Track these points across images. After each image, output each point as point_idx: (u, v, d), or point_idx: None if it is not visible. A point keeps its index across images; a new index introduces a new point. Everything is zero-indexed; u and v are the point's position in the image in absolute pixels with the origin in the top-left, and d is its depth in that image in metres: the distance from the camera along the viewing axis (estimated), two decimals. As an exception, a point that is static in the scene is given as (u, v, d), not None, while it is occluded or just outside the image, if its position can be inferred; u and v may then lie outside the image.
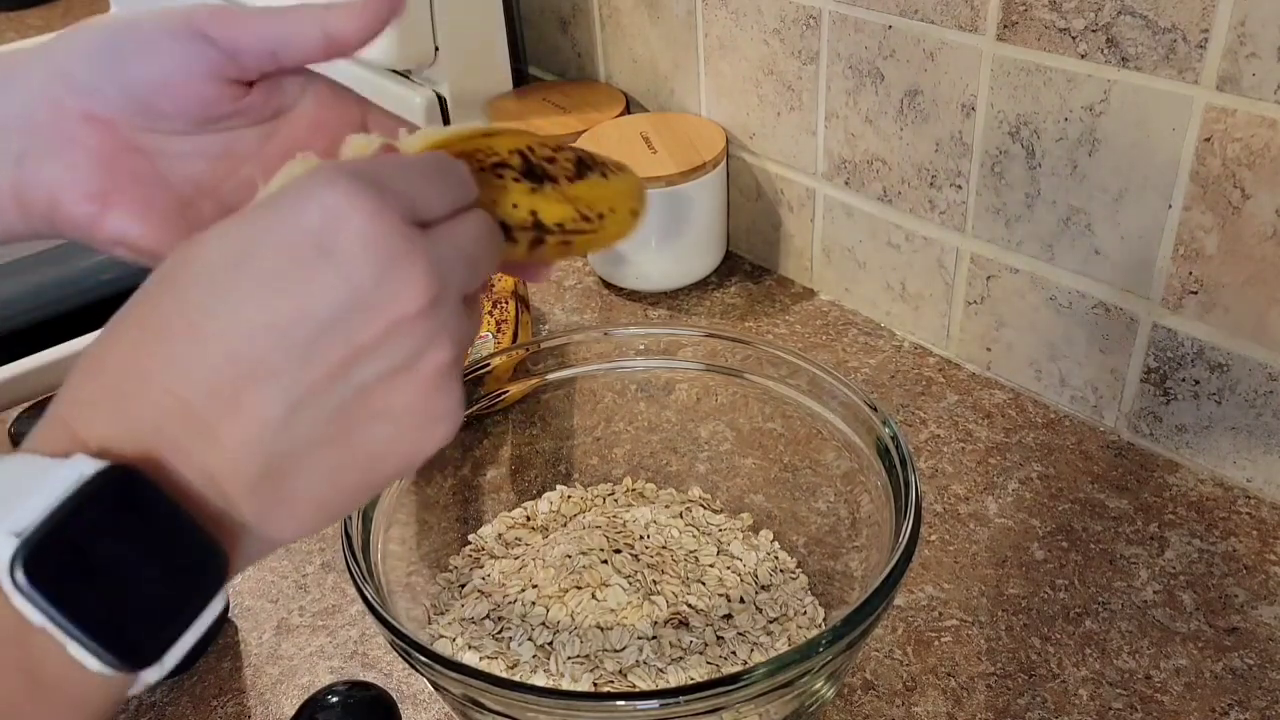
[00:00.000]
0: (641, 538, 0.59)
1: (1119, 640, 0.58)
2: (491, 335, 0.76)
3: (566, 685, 0.51)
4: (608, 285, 0.90)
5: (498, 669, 0.52)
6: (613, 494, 0.64)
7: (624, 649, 0.53)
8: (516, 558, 0.59)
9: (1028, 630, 0.58)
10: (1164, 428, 0.68)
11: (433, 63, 0.95)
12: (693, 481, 0.64)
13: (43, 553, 0.27)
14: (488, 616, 0.56)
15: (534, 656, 0.53)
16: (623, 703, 0.43)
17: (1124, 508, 0.66)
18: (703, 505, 0.63)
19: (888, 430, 0.52)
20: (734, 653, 0.54)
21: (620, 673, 0.52)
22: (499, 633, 0.54)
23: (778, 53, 0.81)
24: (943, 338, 0.79)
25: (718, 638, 0.54)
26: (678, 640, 0.54)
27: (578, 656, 0.52)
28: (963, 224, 0.74)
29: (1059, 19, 0.63)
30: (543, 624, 0.54)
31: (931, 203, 0.75)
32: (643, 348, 0.61)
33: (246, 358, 0.30)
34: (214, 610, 0.30)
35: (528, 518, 0.62)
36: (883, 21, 0.72)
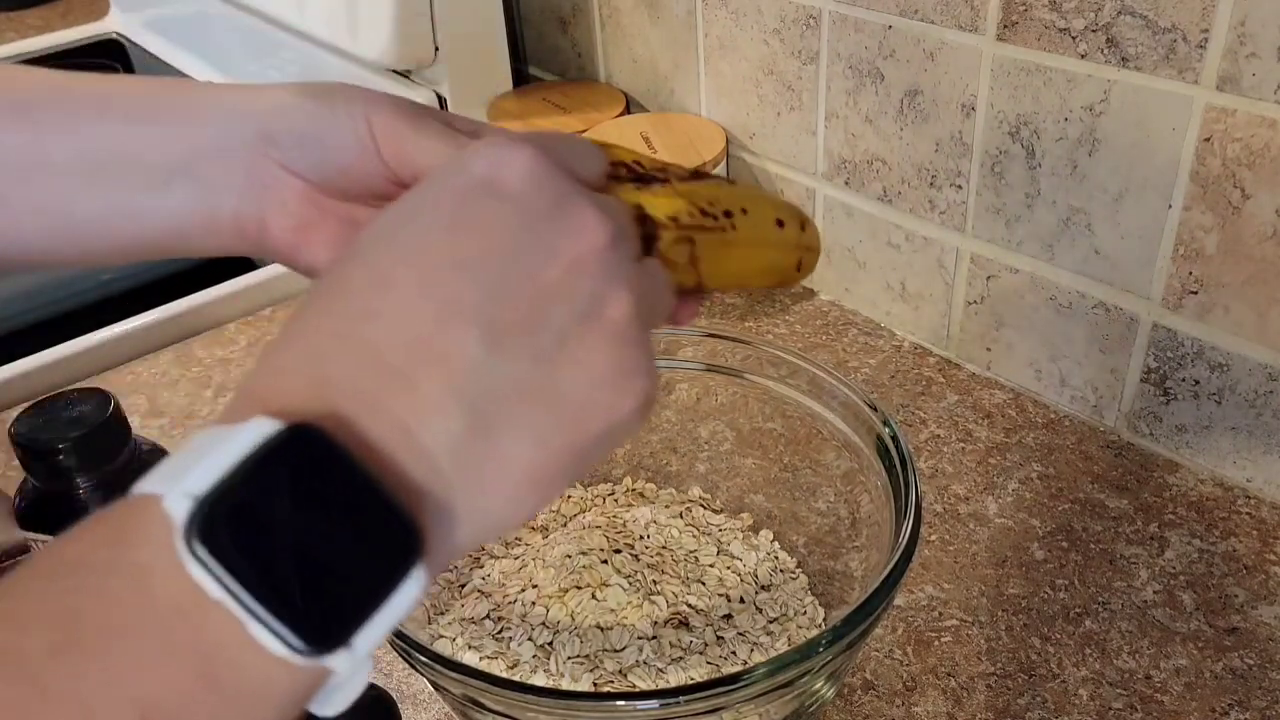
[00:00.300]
0: (641, 538, 0.59)
1: (1119, 640, 0.58)
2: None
3: (566, 685, 0.51)
4: (608, 285, 0.90)
5: (498, 669, 0.52)
6: (613, 494, 0.64)
7: (624, 649, 0.53)
8: (516, 557, 0.59)
9: (1028, 630, 0.58)
10: (1164, 428, 0.68)
11: (433, 63, 0.95)
12: (693, 481, 0.64)
13: (220, 517, 0.25)
14: (488, 616, 0.56)
15: (534, 656, 0.53)
16: (623, 703, 0.43)
17: (1124, 508, 0.66)
18: (703, 505, 0.63)
19: (888, 430, 0.52)
20: (734, 653, 0.54)
21: (620, 673, 0.52)
22: (499, 633, 0.54)
23: (778, 53, 0.81)
24: (943, 338, 0.79)
25: (718, 638, 0.54)
26: (678, 640, 0.54)
27: (578, 656, 0.52)
28: (963, 224, 0.74)
29: (1059, 19, 0.63)
30: (543, 624, 0.54)
31: (931, 203, 0.75)
32: (643, 347, 0.61)
33: (439, 297, 0.29)
34: (410, 594, 0.27)
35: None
36: (883, 21, 0.72)
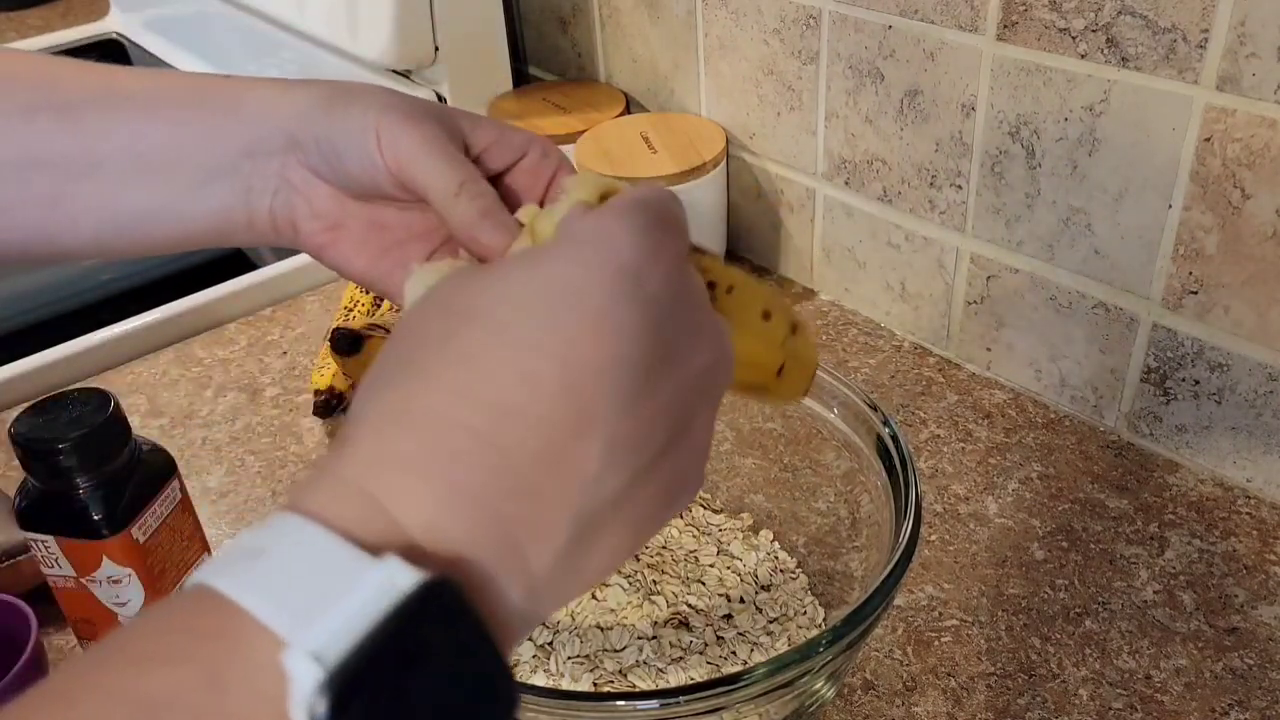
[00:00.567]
0: (641, 538, 0.59)
1: (1119, 640, 0.58)
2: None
3: (566, 685, 0.51)
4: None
5: (498, 669, 0.52)
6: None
7: (624, 649, 0.53)
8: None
9: (1028, 630, 0.58)
10: (1164, 428, 0.68)
11: (433, 63, 0.95)
12: (693, 481, 0.63)
13: (352, 694, 0.22)
14: (488, 616, 0.56)
15: (534, 656, 0.53)
16: (623, 703, 0.43)
17: (1124, 508, 0.66)
18: (703, 505, 0.63)
19: (888, 430, 0.52)
20: (734, 653, 0.54)
21: (620, 673, 0.52)
22: (499, 633, 0.54)
23: (778, 53, 0.81)
24: (943, 338, 0.79)
25: (718, 638, 0.54)
26: (678, 640, 0.54)
27: (578, 656, 0.52)
28: (963, 224, 0.74)
29: (1059, 19, 0.63)
30: (542, 624, 0.54)
31: (931, 203, 0.75)
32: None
33: (578, 405, 0.27)
34: None
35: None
36: (883, 21, 0.72)
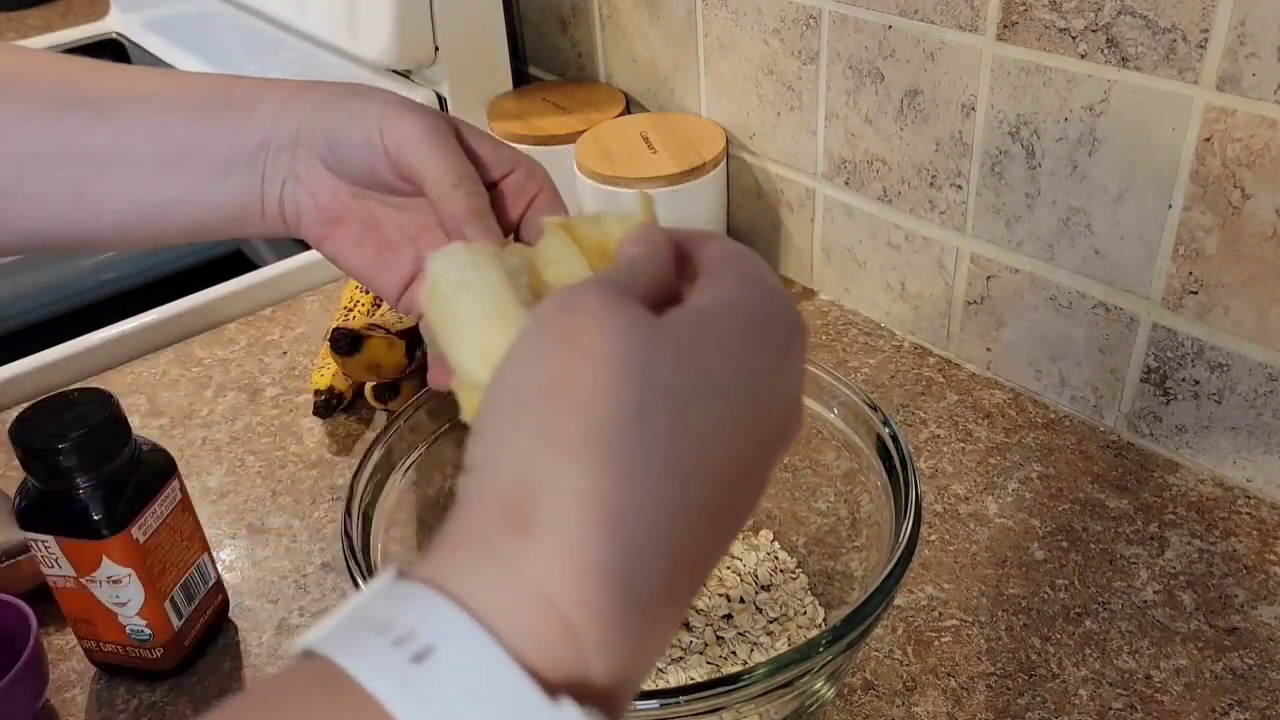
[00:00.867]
0: (641, 538, 0.59)
1: (1119, 640, 0.58)
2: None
3: (566, 685, 0.51)
4: (608, 285, 0.90)
5: (498, 669, 0.52)
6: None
7: (624, 649, 0.52)
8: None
9: (1028, 630, 0.58)
10: (1164, 428, 0.68)
11: (433, 63, 0.95)
12: (693, 481, 0.63)
13: None
14: (488, 616, 0.55)
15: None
16: (623, 703, 0.43)
17: (1124, 508, 0.66)
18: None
19: (888, 430, 0.52)
20: (734, 653, 0.54)
21: (620, 673, 0.52)
22: (499, 633, 0.54)
23: (778, 53, 0.81)
24: (943, 338, 0.79)
25: (718, 638, 0.54)
26: (678, 640, 0.54)
27: (578, 656, 0.52)
28: (963, 224, 0.74)
29: (1059, 19, 0.63)
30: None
31: (931, 203, 0.75)
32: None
33: (731, 500, 0.28)
34: None
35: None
36: (883, 21, 0.72)
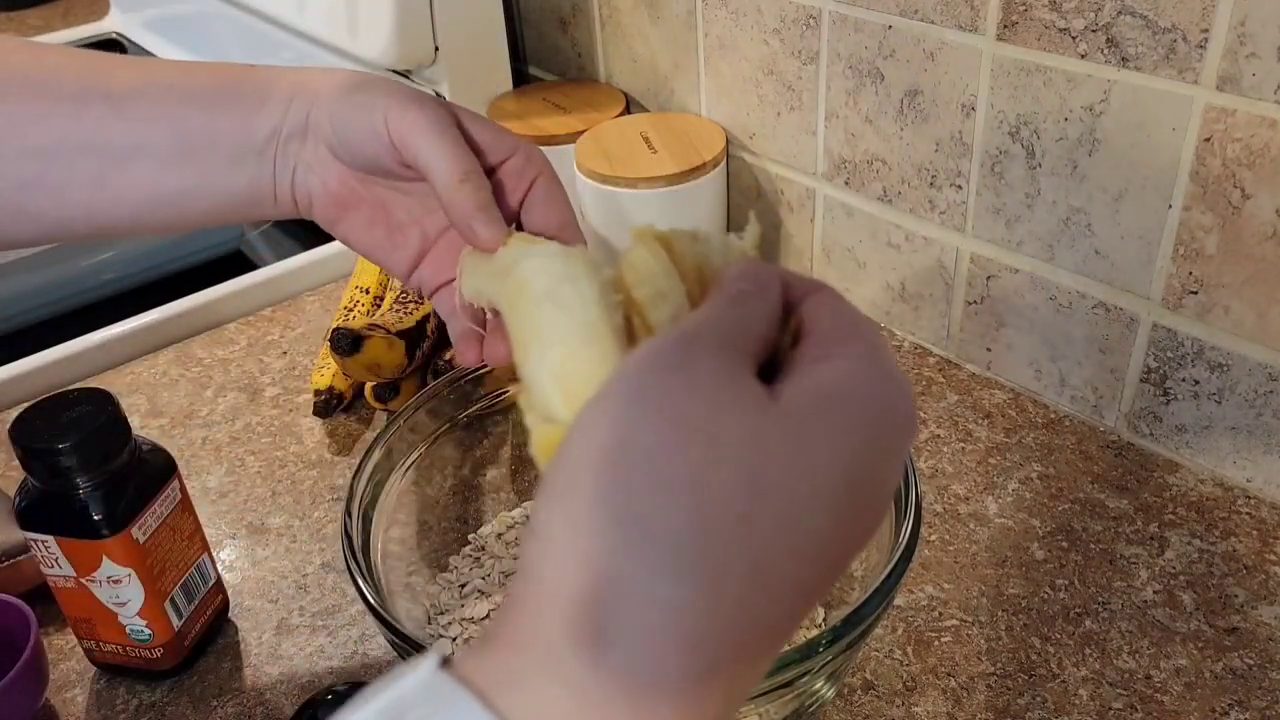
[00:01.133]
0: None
1: (1119, 640, 0.58)
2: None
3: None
4: (608, 285, 0.90)
5: (498, 669, 0.52)
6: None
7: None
8: (515, 558, 0.59)
9: (1028, 630, 0.58)
10: (1164, 428, 0.68)
11: (433, 63, 0.95)
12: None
13: None
14: (487, 616, 0.56)
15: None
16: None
17: (1124, 508, 0.66)
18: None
19: (888, 430, 0.52)
20: (734, 653, 0.54)
21: (620, 673, 0.52)
22: (499, 633, 0.54)
23: (778, 53, 0.81)
24: (943, 338, 0.79)
25: (718, 638, 0.54)
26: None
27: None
28: (963, 224, 0.74)
29: (1059, 19, 0.63)
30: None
31: (931, 203, 0.75)
32: (643, 348, 0.61)
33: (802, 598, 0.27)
34: None
35: (528, 517, 0.62)
36: (883, 21, 0.72)
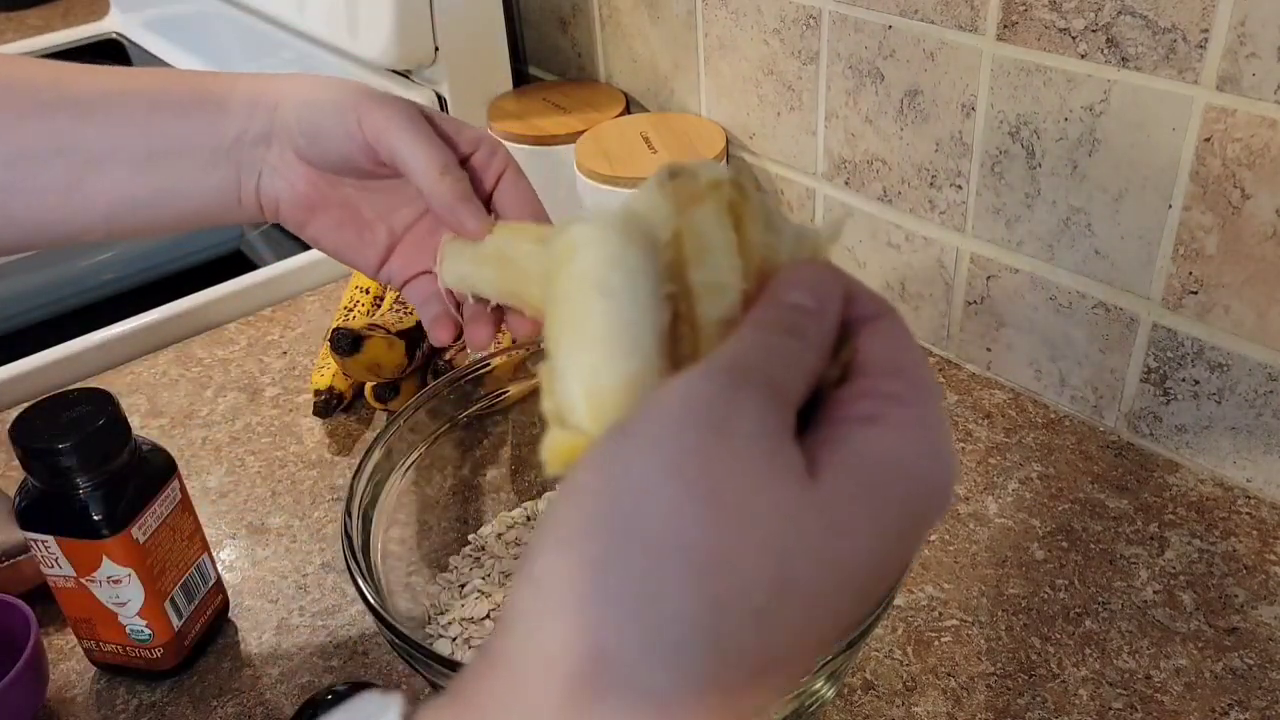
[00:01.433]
0: (641, 538, 0.59)
1: (1119, 640, 0.58)
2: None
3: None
4: (608, 285, 0.90)
5: (498, 669, 0.52)
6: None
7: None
8: (516, 558, 0.59)
9: (1028, 630, 0.58)
10: (1164, 428, 0.68)
11: (433, 63, 0.95)
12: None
13: None
14: (487, 616, 0.56)
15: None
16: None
17: (1124, 508, 0.66)
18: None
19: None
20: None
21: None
22: (499, 633, 0.54)
23: (778, 53, 0.81)
24: (943, 338, 0.79)
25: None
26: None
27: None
28: (963, 224, 0.74)
29: (1059, 19, 0.63)
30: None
31: (931, 203, 0.75)
32: (643, 348, 0.61)
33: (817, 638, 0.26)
34: None
35: (528, 518, 0.62)
36: (883, 21, 0.72)
